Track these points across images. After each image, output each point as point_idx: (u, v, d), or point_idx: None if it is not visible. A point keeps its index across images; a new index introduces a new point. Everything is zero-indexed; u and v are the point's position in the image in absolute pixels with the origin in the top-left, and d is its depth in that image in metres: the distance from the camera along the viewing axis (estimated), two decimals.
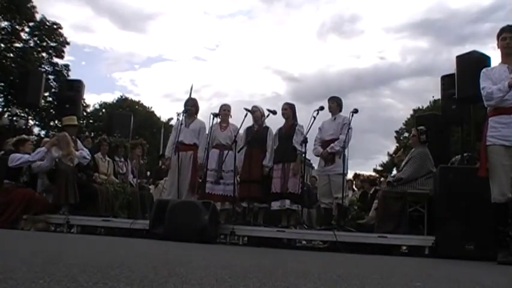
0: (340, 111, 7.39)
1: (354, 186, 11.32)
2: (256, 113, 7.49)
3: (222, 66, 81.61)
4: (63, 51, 31.50)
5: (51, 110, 28.74)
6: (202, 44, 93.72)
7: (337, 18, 76.74)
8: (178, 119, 7.68)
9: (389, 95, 74.32)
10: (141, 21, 71.55)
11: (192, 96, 7.96)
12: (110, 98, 73.27)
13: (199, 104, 7.90)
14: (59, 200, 7.32)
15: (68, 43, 32.00)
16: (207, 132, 7.62)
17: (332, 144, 7.08)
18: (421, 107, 36.87)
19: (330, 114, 7.39)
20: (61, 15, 56.60)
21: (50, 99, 29.38)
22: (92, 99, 66.74)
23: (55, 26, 30.61)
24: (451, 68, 7.41)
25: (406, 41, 72.43)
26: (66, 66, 31.90)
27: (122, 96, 45.49)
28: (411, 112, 38.41)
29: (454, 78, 7.35)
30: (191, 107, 7.75)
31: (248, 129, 7.63)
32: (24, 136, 8.10)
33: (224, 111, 7.73)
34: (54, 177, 7.49)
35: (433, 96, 33.10)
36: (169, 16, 75.74)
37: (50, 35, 30.34)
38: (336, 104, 7.36)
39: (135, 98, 47.14)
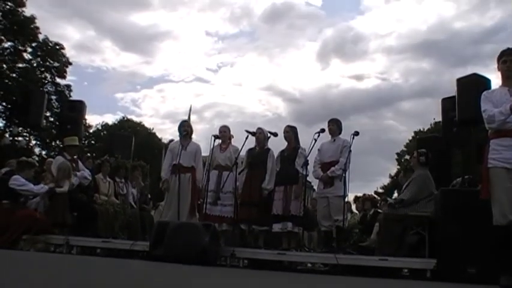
0: (340, 133, 7.41)
1: (354, 209, 11.25)
2: (260, 135, 7.51)
3: (224, 88, 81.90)
4: (65, 72, 31.65)
5: (53, 130, 28.77)
6: (204, 65, 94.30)
7: (339, 40, 77.22)
8: (172, 140, 7.74)
9: (391, 116, 74.40)
10: (143, 42, 72.09)
11: (192, 117, 8.01)
12: (112, 119, 73.50)
13: (202, 125, 7.98)
14: (55, 220, 7.31)
15: (70, 63, 32.17)
16: (207, 153, 7.66)
17: (333, 168, 7.06)
18: (422, 129, 36.90)
19: (330, 136, 7.42)
20: (64, 36, 57.07)
21: (52, 119, 29.45)
22: (94, 119, 66.96)
23: (58, 47, 30.81)
24: (453, 89, 7.45)
25: (408, 62, 72.68)
26: (68, 87, 32.00)
27: (123, 118, 45.60)
28: (412, 134, 38.48)
29: (454, 101, 7.38)
30: (187, 127, 7.81)
31: (249, 151, 7.65)
32: (32, 161, 8.14)
33: (221, 132, 7.75)
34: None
35: (434, 118, 33.13)
36: (172, 37, 76.31)
37: (53, 55, 30.52)
38: (335, 126, 7.39)
39: (137, 119, 47.19)
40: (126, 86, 76.98)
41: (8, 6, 27.19)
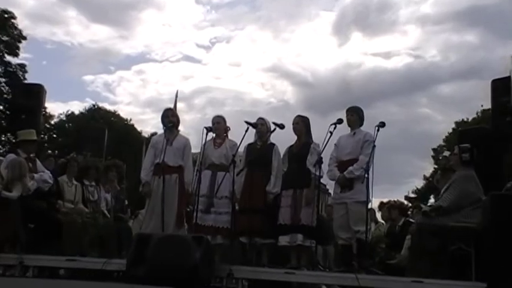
0: (361, 125, 7.45)
1: (380, 218, 11.26)
2: (261, 127, 7.54)
3: (218, 69, 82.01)
4: (17, 48, 31.54)
5: (2, 122, 28.75)
6: (194, 41, 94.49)
7: (361, 8, 77.09)
8: (155, 133, 7.73)
9: (425, 103, 74.34)
10: (118, 12, 72.33)
11: (179, 105, 8.01)
12: (79, 107, 73.40)
13: (191, 115, 8.00)
14: (4, 235, 7.24)
15: (24, 37, 32.13)
16: (198, 150, 7.66)
17: (351, 168, 7.09)
18: (466, 119, 36.90)
19: (349, 128, 7.46)
20: (14, 2, 56.87)
21: (1, 107, 29.40)
22: (57, 108, 67.02)
23: (6, 15, 30.61)
24: (507, 68, 7.45)
25: (449, 35, 72.19)
26: (22, 67, 31.97)
27: (94, 106, 45.57)
28: (453, 125, 38.46)
29: (508, 83, 7.36)
30: (172, 117, 7.82)
31: (249, 146, 7.69)
32: None
33: (214, 124, 7.77)
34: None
35: (481, 106, 33.09)
36: (154, 5, 76.55)
37: (0, 26, 30.33)
38: (356, 116, 7.42)
39: (111, 108, 47.17)
40: (97, 67, 77.59)
41: None
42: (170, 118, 7.77)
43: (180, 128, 8.01)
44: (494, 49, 65.90)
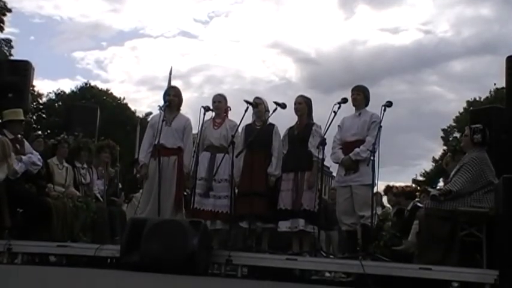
0: (367, 104, 7.44)
1: (386, 202, 11.23)
2: (259, 106, 7.53)
3: (217, 45, 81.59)
4: (2, 22, 31.22)
5: None
6: (191, 15, 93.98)
7: None
8: (160, 112, 7.66)
9: (435, 81, 74.08)
10: None
11: (173, 83, 7.97)
12: (70, 85, 73.22)
13: (188, 93, 7.97)
14: None
15: (9, 10, 31.74)
16: (196, 131, 7.64)
17: (357, 150, 7.07)
18: (478, 98, 36.83)
19: (354, 108, 7.44)
20: None
21: None
22: (46, 86, 66.79)
23: None
24: None
25: (462, 7, 71.65)
26: (8, 42, 31.72)
27: (85, 84, 45.50)
28: (465, 105, 38.39)
29: None
30: (173, 96, 7.77)
31: (248, 127, 7.67)
32: None
33: (215, 103, 7.74)
34: None
35: (494, 84, 33.02)
36: None
37: None
38: (362, 96, 7.39)
39: (103, 86, 47.08)
40: (88, 43, 77.13)
41: None
42: (171, 97, 7.69)
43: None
44: (510, 23, 65.22)
